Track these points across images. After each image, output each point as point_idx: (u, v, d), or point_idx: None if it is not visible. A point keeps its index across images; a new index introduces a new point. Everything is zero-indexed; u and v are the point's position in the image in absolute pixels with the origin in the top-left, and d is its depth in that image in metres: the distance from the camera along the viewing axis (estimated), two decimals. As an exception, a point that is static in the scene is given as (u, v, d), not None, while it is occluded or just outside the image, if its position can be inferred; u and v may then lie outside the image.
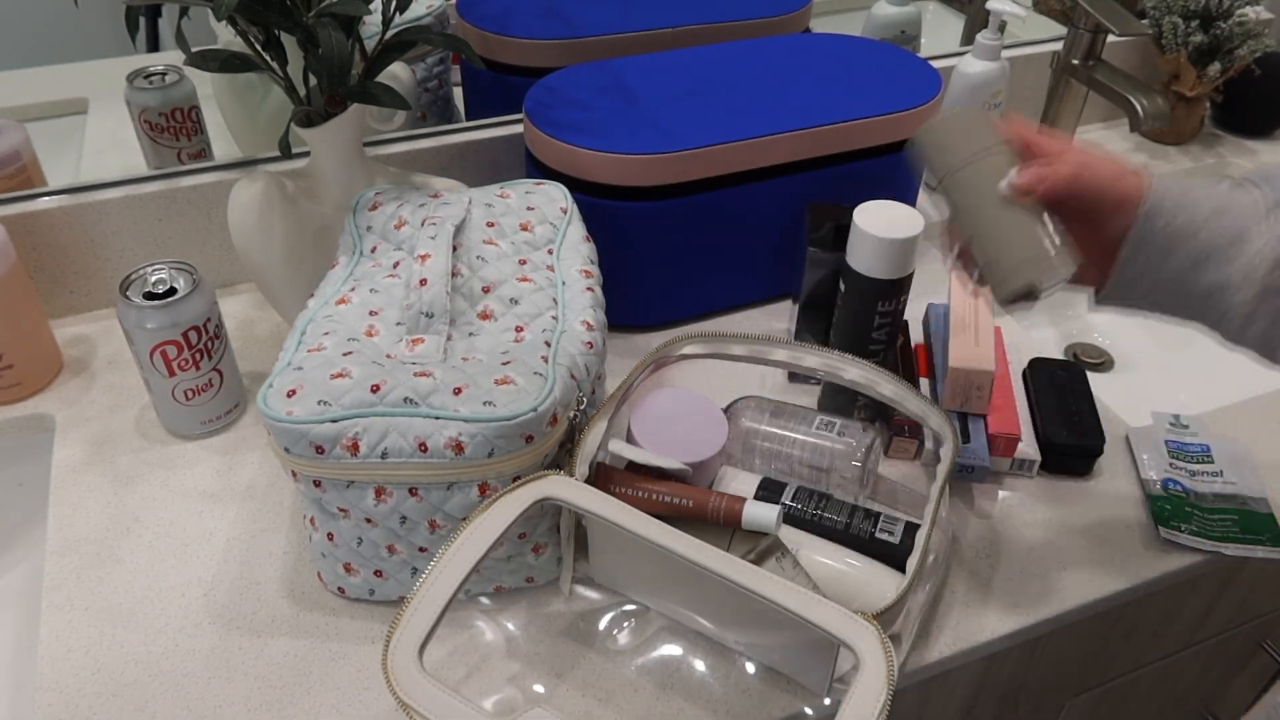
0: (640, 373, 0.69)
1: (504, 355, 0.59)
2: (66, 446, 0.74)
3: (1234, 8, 1.09)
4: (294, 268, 0.74)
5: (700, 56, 0.89)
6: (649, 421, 0.66)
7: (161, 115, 0.85)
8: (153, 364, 0.70)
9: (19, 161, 0.83)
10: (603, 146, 0.76)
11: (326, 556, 0.61)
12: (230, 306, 0.89)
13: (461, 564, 0.53)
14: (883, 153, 0.85)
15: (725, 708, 0.58)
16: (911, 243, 0.67)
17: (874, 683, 0.49)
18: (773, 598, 0.52)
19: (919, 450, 0.74)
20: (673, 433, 0.66)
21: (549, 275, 0.66)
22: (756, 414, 0.71)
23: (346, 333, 0.60)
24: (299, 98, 0.72)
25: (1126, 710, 0.95)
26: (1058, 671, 0.79)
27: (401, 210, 0.69)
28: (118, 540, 0.67)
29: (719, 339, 0.70)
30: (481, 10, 0.90)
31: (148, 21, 0.82)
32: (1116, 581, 0.66)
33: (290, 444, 0.54)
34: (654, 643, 0.61)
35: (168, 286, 0.69)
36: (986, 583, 0.66)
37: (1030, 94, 1.15)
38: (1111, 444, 0.76)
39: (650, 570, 0.60)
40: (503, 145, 0.92)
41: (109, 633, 0.61)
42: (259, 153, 0.89)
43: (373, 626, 0.62)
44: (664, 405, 0.68)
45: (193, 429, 0.75)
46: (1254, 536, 0.68)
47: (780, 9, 0.96)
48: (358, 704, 0.58)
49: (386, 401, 0.55)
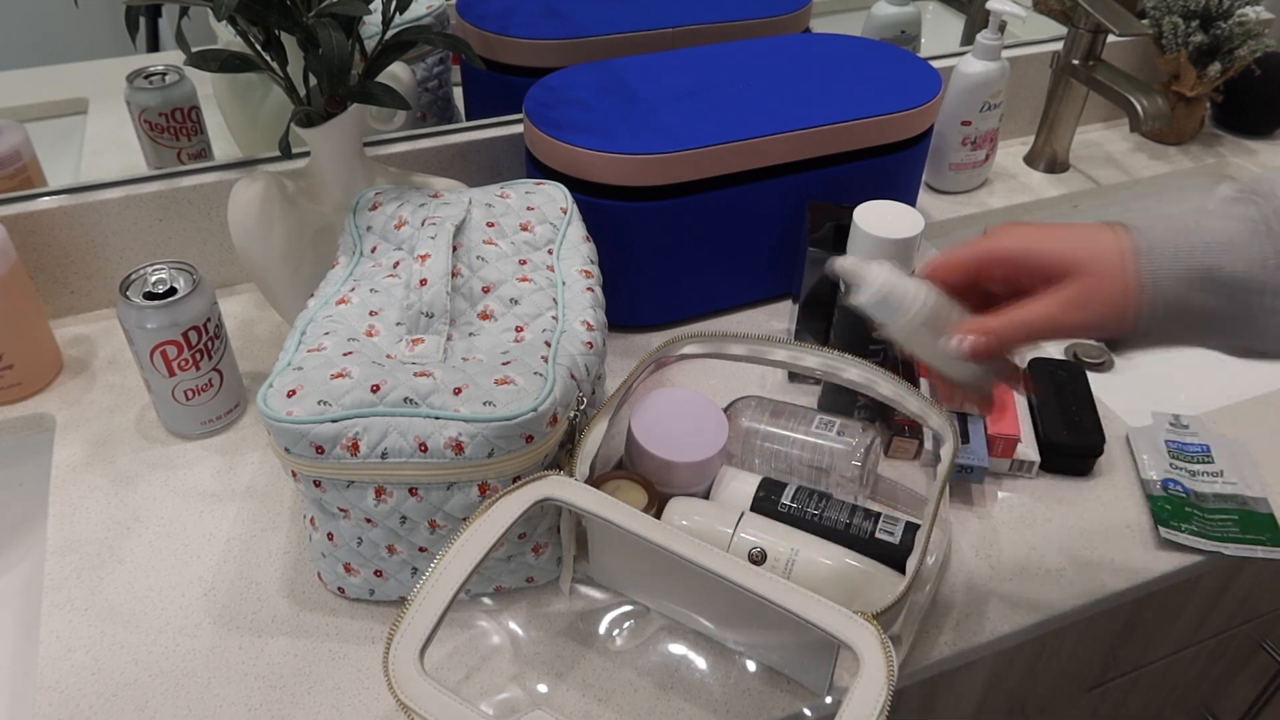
0: (640, 373, 0.69)
1: (504, 355, 0.59)
2: (66, 446, 0.74)
3: (1234, 8, 1.09)
4: (294, 268, 0.74)
5: (700, 56, 0.89)
6: (649, 421, 0.66)
7: (161, 115, 0.85)
8: (153, 364, 0.70)
9: (19, 161, 0.83)
10: (603, 146, 0.76)
11: (326, 556, 0.61)
12: (230, 306, 0.89)
13: (462, 565, 0.53)
14: (883, 153, 0.85)
15: (725, 708, 0.58)
16: (911, 243, 0.67)
17: (874, 683, 0.49)
18: (773, 598, 0.52)
19: (919, 450, 0.74)
20: (673, 432, 0.66)
21: (549, 275, 0.66)
22: (756, 414, 0.71)
23: (346, 333, 0.60)
24: (299, 98, 0.72)
25: (1126, 710, 0.95)
26: (1059, 672, 0.79)
27: (401, 210, 0.69)
28: (118, 540, 0.67)
29: (718, 339, 0.70)
30: (481, 10, 0.90)
31: (148, 21, 0.82)
32: (1116, 581, 0.66)
33: (290, 444, 0.54)
34: (654, 643, 0.61)
35: (168, 286, 0.69)
36: (986, 583, 0.66)
37: (1030, 94, 1.15)
38: (1111, 444, 0.76)
39: (650, 570, 0.60)
40: (503, 145, 0.92)
41: (109, 633, 0.61)
42: (259, 153, 0.89)
43: (373, 626, 0.62)
44: (664, 405, 0.68)
45: (193, 429, 0.75)
46: (1254, 536, 0.68)
47: (780, 9, 0.96)
48: (358, 704, 0.58)
49: (386, 401, 0.55)
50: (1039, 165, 1.13)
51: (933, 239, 1.03)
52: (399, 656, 0.49)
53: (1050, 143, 1.11)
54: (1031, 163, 1.13)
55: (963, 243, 0.52)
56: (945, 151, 1.04)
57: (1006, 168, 1.13)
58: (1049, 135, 1.10)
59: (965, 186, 1.08)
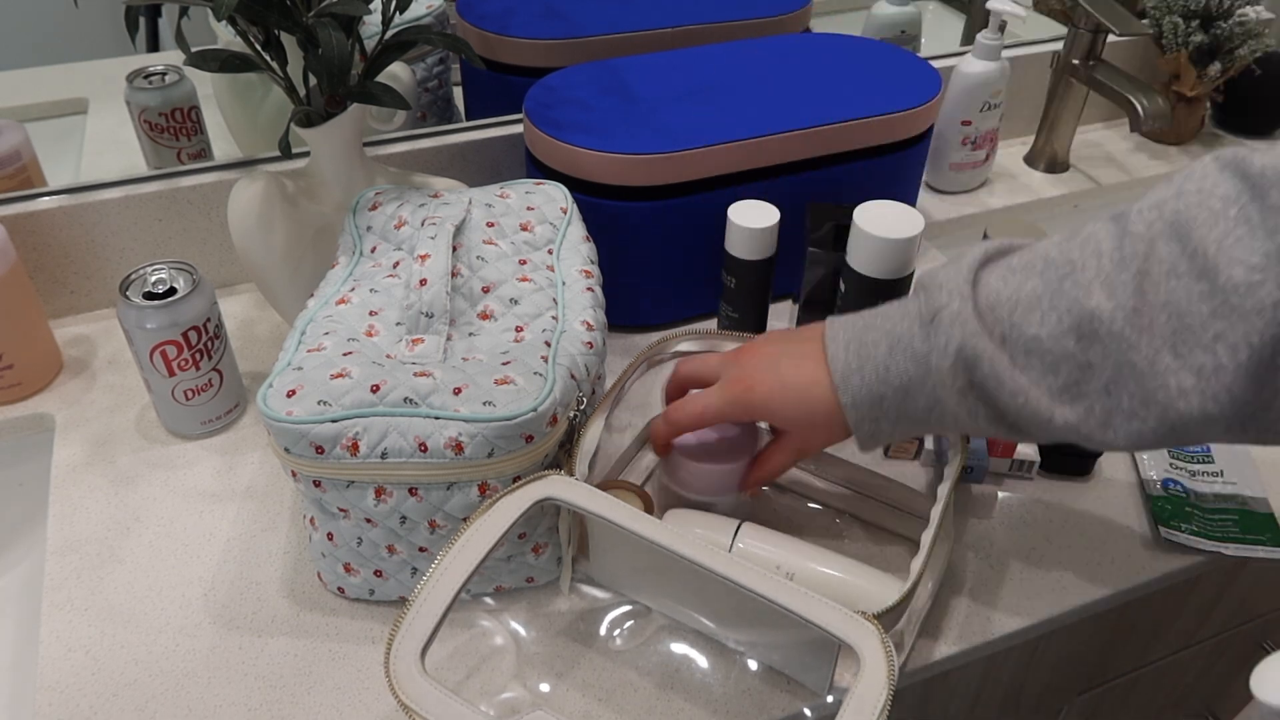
0: (634, 371, 0.69)
1: (504, 355, 0.59)
2: (66, 446, 0.74)
3: (1234, 8, 1.09)
4: (294, 268, 0.74)
5: (700, 56, 0.89)
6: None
7: (161, 115, 0.85)
8: (153, 364, 0.70)
9: (19, 161, 0.83)
10: (603, 146, 0.76)
11: (326, 556, 0.61)
12: (230, 306, 0.89)
13: (462, 566, 0.53)
14: (883, 153, 0.85)
15: (725, 708, 0.58)
16: (911, 243, 0.67)
17: (875, 683, 0.49)
18: (773, 598, 0.52)
19: (919, 450, 0.74)
20: (705, 437, 0.65)
21: (549, 275, 0.66)
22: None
23: (346, 333, 0.60)
24: (299, 98, 0.72)
25: (1126, 710, 0.95)
26: (1058, 671, 0.79)
27: (401, 210, 0.69)
28: (118, 540, 0.67)
29: (712, 336, 0.70)
30: (481, 10, 0.90)
31: (148, 21, 0.82)
32: (1116, 581, 0.66)
33: (290, 444, 0.54)
34: (654, 642, 0.61)
35: (168, 286, 0.69)
36: (987, 583, 0.66)
37: (1030, 94, 1.15)
38: (1111, 444, 0.76)
39: (650, 570, 0.60)
40: (503, 145, 0.92)
41: (109, 633, 0.61)
42: (259, 153, 0.89)
43: (373, 626, 0.62)
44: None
45: (193, 429, 0.75)
46: (1254, 536, 0.68)
47: (780, 9, 0.96)
48: (358, 704, 0.58)
49: (386, 401, 0.55)
50: (1039, 165, 1.13)
51: (933, 239, 1.03)
52: (400, 657, 0.49)
53: (1050, 143, 1.11)
54: (1032, 163, 1.13)
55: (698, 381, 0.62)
56: (945, 151, 1.04)
57: (1007, 168, 1.13)
58: (1049, 135, 1.10)
59: (965, 186, 1.08)
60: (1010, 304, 0.50)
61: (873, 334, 0.54)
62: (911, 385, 0.52)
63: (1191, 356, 0.45)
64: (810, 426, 0.57)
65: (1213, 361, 0.44)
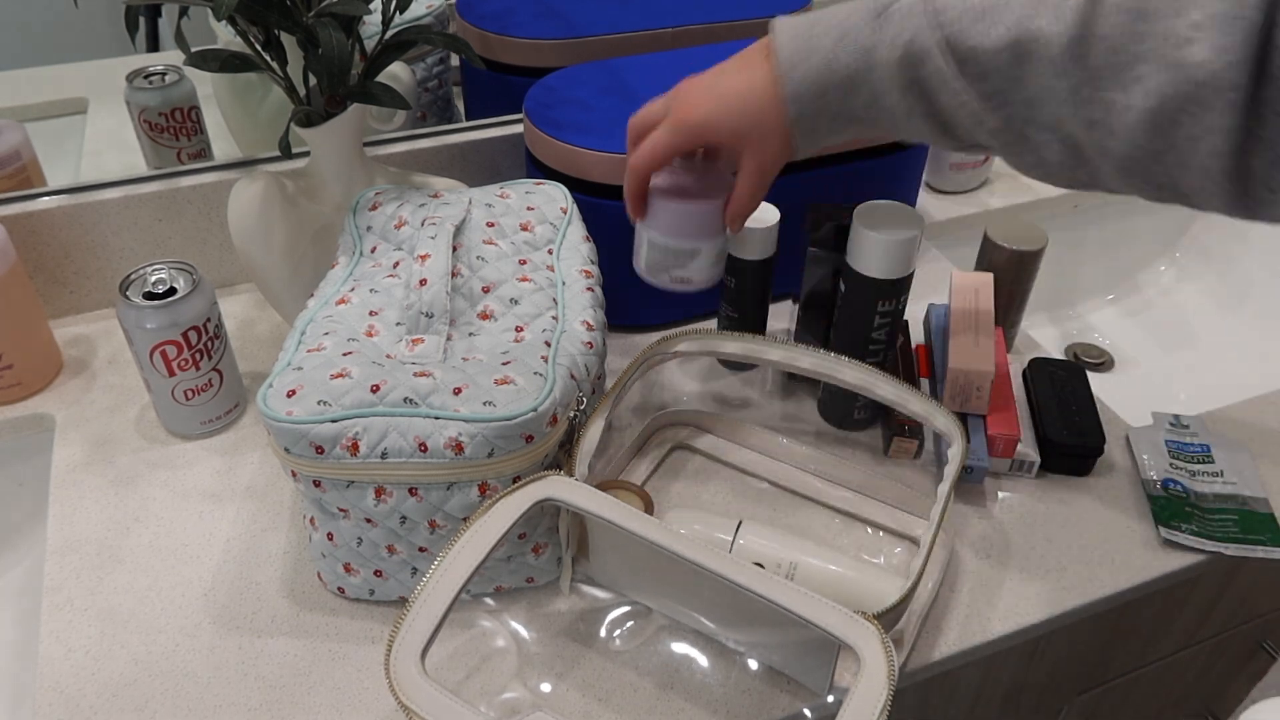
0: (634, 371, 0.69)
1: (504, 355, 0.59)
2: (66, 446, 0.74)
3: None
4: (294, 268, 0.74)
5: (700, 56, 0.89)
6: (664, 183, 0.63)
7: (161, 115, 0.85)
8: (153, 364, 0.70)
9: (19, 161, 0.83)
10: (603, 146, 0.76)
11: (326, 556, 0.61)
12: (230, 306, 0.89)
13: (462, 567, 0.53)
14: (883, 153, 0.85)
15: (725, 708, 0.58)
16: (912, 242, 0.67)
17: (875, 683, 0.49)
18: (773, 598, 0.52)
19: (919, 450, 0.74)
20: (684, 182, 0.63)
21: (549, 275, 0.66)
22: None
23: (346, 333, 0.60)
24: (299, 98, 0.72)
25: (1126, 710, 0.95)
26: (1058, 671, 0.79)
27: (401, 210, 0.69)
28: (118, 540, 0.67)
29: (712, 336, 0.70)
30: (481, 10, 0.90)
31: (148, 21, 0.82)
32: (1116, 581, 0.66)
33: (290, 444, 0.54)
34: (654, 643, 0.61)
35: (168, 286, 0.69)
36: (987, 583, 0.66)
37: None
38: (1111, 444, 0.76)
39: (650, 570, 0.60)
40: (503, 145, 0.92)
41: (109, 633, 0.61)
42: (259, 153, 0.89)
43: (373, 626, 0.62)
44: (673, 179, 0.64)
45: (193, 429, 0.75)
46: (1254, 536, 0.68)
47: (780, 10, 0.96)
48: (358, 704, 0.58)
49: (386, 401, 0.55)
50: (1039, 165, 1.12)
51: (933, 239, 1.03)
52: (400, 658, 0.49)
53: (1050, 143, 1.10)
54: (1031, 163, 1.13)
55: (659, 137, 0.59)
56: (945, 151, 1.04)
57: (1006, 168, 1.13)
58: (1049, 135, 1.10)
59: (965, 186, 1.08)
60: (958, 8, 0.50)
61: (820, 26, 0.54)
62: (856, 78, 0.53)
63: (1109, 93, 0.46)
64: (759, 137, 0.57)
65: (1124, 100, 0.45)
